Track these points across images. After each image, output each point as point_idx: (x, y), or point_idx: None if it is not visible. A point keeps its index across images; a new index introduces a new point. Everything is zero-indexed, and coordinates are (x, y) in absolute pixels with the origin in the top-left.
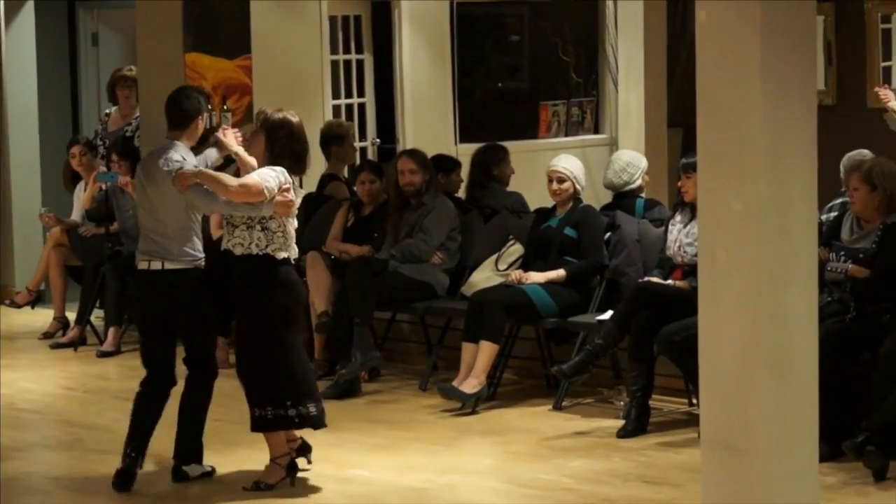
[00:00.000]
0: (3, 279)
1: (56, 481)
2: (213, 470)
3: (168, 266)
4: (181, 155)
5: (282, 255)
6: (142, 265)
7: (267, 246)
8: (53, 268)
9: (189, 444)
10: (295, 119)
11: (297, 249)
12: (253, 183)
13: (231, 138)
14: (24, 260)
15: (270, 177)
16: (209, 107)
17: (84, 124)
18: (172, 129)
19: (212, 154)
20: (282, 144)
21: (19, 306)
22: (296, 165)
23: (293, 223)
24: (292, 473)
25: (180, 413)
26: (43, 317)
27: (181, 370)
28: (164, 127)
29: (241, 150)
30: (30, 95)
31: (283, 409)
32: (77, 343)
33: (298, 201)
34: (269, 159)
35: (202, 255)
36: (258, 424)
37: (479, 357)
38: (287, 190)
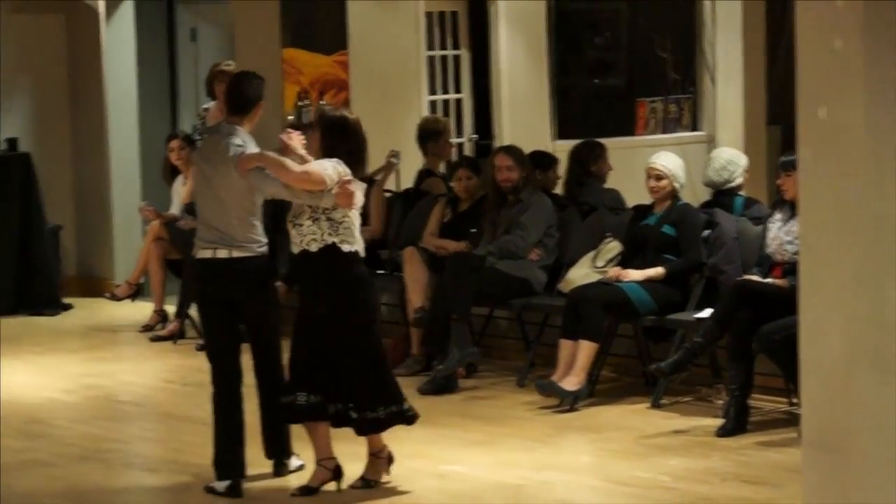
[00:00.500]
0: (104, 272)
1: (155, 473)
2: (304, 465)
3: (235, 254)
4: (242, 139)
5: (347, 247)
6: (205, 254)
7: (336, 235)
8: (153, 261)
9: (278, 438)
10: (352, 117)
11: (363, 244)
12: (314, 171)
13: (297, 141)
14: (123, 253)
15: (329, 167)
16: (307, 102)
17: (182, 119)
18: (233, 115)
19: None
20: (335, 143)
21: (119, 299)
22: (351, 163)
23: (357, 216)
24: (388, 465)
25: (262, 410)
26: (143, 310)
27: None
28: (263, 122)
29: (306, 154)
30: (129, 90)
31: (394, 406)
32: (176, 336)
33: (360, 196)
34: (323, 157)
35: (266, 240)
36: (370, 426)
37: (579, 356)
38: (349, 182)
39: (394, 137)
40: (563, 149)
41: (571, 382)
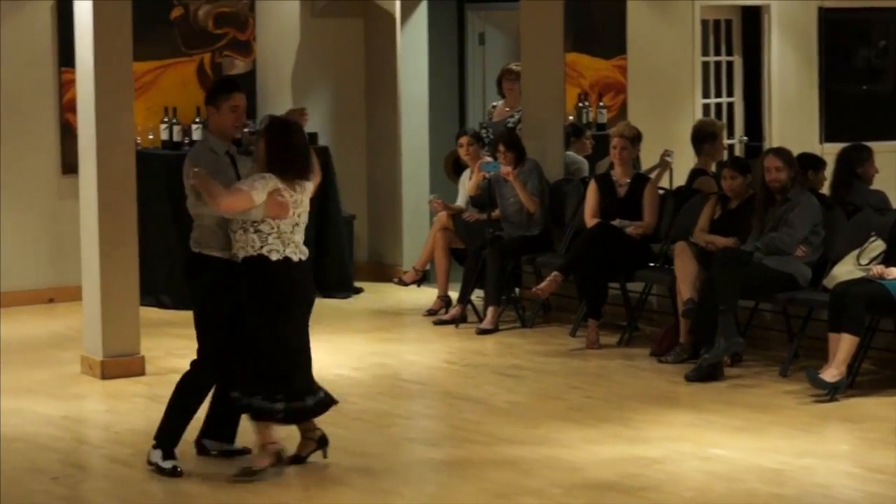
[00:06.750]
0: (393, 259)
1: (436, 447)
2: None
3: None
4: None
5: (276, 256)
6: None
7: (262, 247)
8: (438, 250)
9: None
10: (293, 122)
11: (302, 249)
12: (240, 194)
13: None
14: (411, 242)
15: (258, 184)
16: (586, 103)
17: (470, 117)
18: None
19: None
20: (274, 149)
21: (406, 284)
22: (292, 169)
23: (288, 225)
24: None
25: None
26: (428, 295)
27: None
28: (544, 121)
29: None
30: (421, 90)
31: (268, 402)
32: (458, 320)
33: (302, 201)
34: (266, 161)
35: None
36: (244, 410)
37: (840, 348)
38: (277, 192)
39: (667, 138)
40: (830, 151)
41: (831, 374)
